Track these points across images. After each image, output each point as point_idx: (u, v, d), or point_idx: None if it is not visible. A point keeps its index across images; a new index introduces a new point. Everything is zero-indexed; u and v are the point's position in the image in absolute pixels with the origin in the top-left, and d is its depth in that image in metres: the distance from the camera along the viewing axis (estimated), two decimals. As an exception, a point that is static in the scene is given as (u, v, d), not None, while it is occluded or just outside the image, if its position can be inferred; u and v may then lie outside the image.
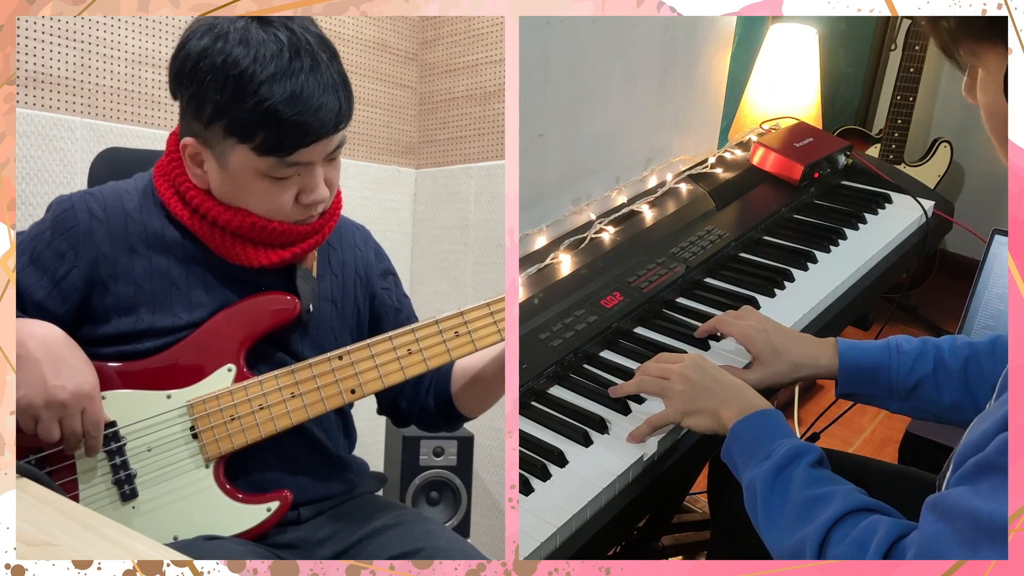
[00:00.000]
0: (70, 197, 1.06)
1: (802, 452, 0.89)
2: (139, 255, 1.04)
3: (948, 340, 1.08)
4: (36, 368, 0.94)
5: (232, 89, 0.95)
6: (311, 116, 0.96)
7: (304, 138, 0.97)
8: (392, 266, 1.28)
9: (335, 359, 1.06)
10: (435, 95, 2.51)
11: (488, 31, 2.36)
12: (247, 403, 1.04)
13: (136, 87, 1.86)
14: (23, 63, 1.66)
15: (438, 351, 1.07)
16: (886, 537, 0.78)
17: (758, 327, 1.13)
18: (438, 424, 1.24)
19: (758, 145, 1.68)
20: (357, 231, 1.25)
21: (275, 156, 0.98)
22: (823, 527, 0.81)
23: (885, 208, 1.64)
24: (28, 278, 1.02)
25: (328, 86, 0.98)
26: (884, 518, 0.81)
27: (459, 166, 2.43)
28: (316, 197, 1.03)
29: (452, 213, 2.43)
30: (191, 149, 1.03)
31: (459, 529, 2.08)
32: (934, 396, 1.06)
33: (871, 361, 1.08)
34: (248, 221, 1.03)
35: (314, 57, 0.97)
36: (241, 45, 0.95)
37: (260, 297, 1.07)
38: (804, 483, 0.86)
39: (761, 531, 0.89)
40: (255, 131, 0.96)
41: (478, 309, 1.08)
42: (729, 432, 0.96)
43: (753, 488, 0.90)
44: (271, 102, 0.94)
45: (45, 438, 0.95)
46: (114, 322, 1.03)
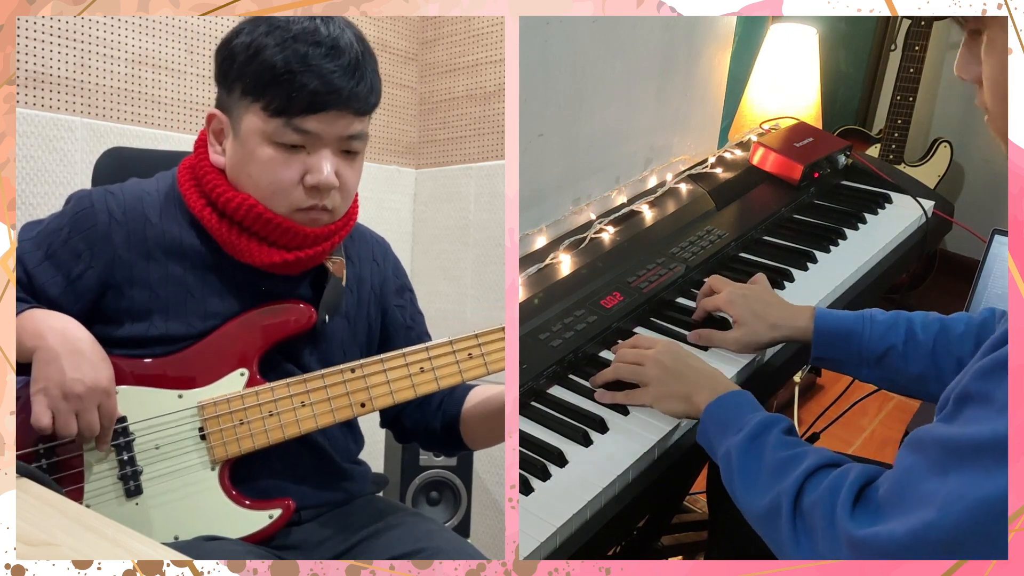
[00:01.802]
0: (90, 194, 1.05)
1: (774, 421, 0.92)
2: (156, 261, 1.04)
3: (921, 315, 1.12)
4: (55, 361, 0.94)
5: (255, 50, 0.98)
6: (321, 79, 0.97)
7: (312, 102, 0.97)
8: (409, 282, 1.27)
9: (347, 371, 1.06)
10: (435, 95, 2.51)
11: (488, 31, 2.36)
12: (257, 408, 1.04)
13: (136, 87, 1.86)
14: (23, 63, 1.66)
15: (450, 371, 1.07)
16: (857, 479, 0.79)
17: (737, 292, 1.19)
18: (438, 447, 1.24)
19: (758, 145, 1.68)
20: (377, 245, 1.24)
21: (282, 118, 0.98)
22: (797, 480, 0.83)
23: (885, 208, 1.64)
24: (43, 274, 1.02)
25: (348, 58, 0.99)
26: (857, 464, 0.83)
27: (459, 166, 2.43)
28: (321, 180, 1.00)
29: (452, 213, 2.43)
30: (216, 123, 1.05)
31: (459, 529, 2.08)
32: (901, 366, 1.10)
33: (844, 327, 1.12)
34: (254, 211, 1.01)
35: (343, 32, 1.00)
36: (274, 21, 0.99)
37: (276, 305, 1.07)
38: (777, 446, 0.88)
39: (737, 497, 0.90)
40: (267, 87, 0.98)
41: (493, 332, 1.08)
42: (703, 413, 0.98)
43: (728, 458, 0.91)
44: (284, 57, 0.96)
45: (62, 431, 0.94)
46: (127, 326, 1.03)
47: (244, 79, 0.99)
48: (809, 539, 0.80)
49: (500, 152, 2.33)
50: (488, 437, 1.18)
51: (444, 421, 1.19)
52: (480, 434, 1.18)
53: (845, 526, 0.76)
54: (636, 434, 1.03)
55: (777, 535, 0.84)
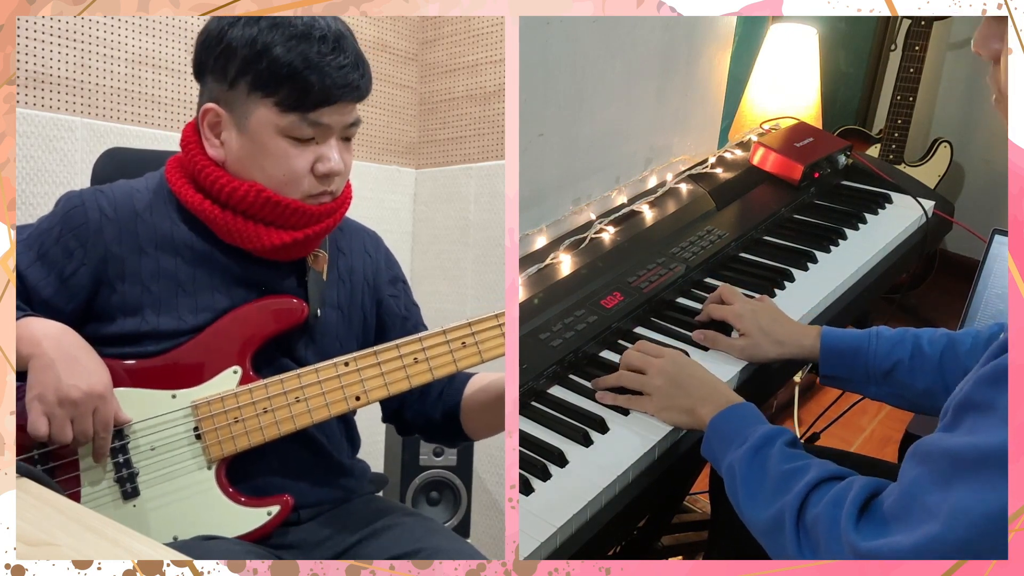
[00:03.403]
0: (80, 193, 1.06)
1: (777, 434, 0.92)
2: (147, 255, 1.04)
3: (928, 331, 1.12)
4: (50, 367, 0.94)
5: (260, 46, 0.99)
6: (336, 73, 1.00)
7: (328, 95, 1.00)
8: (402, 273, 1.28)
9: (341, 365, 1.06)
10: (435, 95, 2.51)
11: (488, 31, 2.36)
12: (251, 406, 1.04)
13: (136, 87, 1.86)
14: (23, 63, 1.66)
15: (444, 361, 1.07)
16: (861, 492, 0.79)
17: (747, 307, 1.19)
18: (440, 438, 1.25)
19: (758, 145, 1.68)
20: (368, 237, 1.24)
21: (298, 112, 1.00)
22: (800, 493, 0.83)
23: (885, 208, 1.64)
24: (35, 274, 1.02)
25: (351, 50, 1.03)
26: (860, 477, 0.82)
27: (459, 166, 2.43)
28: (332, 167, 1.04)
29: (452, 213, 2.43)
30: (211, 116, 1.04)
31: (459, 529, 2.08)
32: (908, 381, 1.10)
33: (851, 345, 1.13)
34: (263, 196, 1.02)
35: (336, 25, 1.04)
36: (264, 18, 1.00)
37: (268, 300, 1.07)
38: (780, 459, 0.89)
39: (742, 510, 0.90)
40: (280, 85, 0.99)
41: (486, 320, 1.07)
42: (707, 426, 0.98)
43: (732, 471, 0.92)
44: (298, 53, 0.98)
45: (57, 437, 0.94)
46: (119, 322, 1.03)
47: (251, 75, 1.00)
48: (813, 552, 0.80)
49: (500, 152, 2.33)
50: (489, 425, 1.18)
51: (444, 410, 1.19)
52: (481, 423, 1.18)
53: (850, 539, 0.76)
54: (636, 434, 1.04)
55: (781, 548, 0.83)
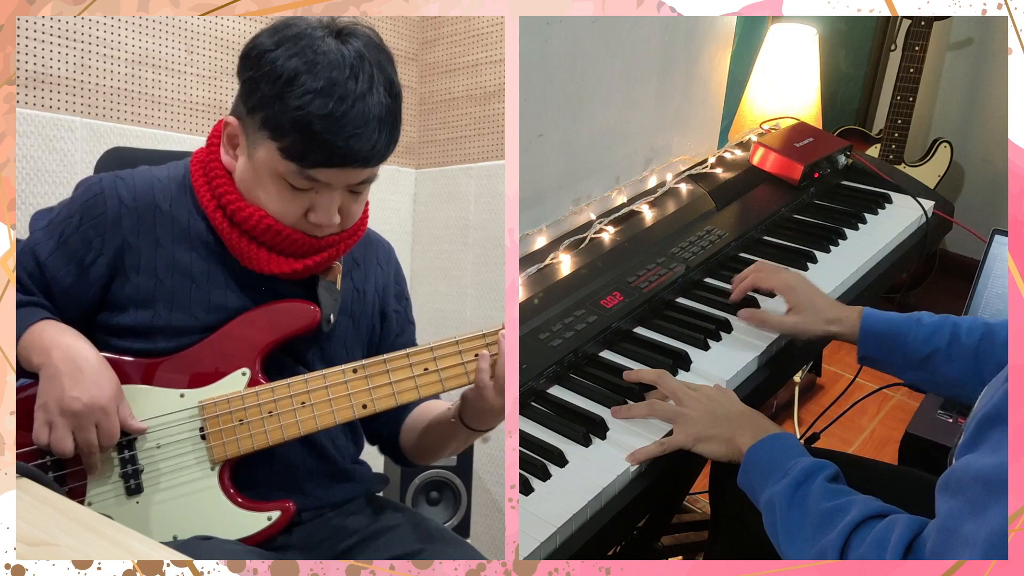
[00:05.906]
0: (100, 180, 1.05)
1: (818, 468, 0.90)
2: (163, 248, 1.04)
3: (968, 319, 1.12)
4: (56, 378, 0.95)
5: (280, 87, 0.95)
6: (342, 140, 0.95)
7: (329, 158, 0.96)
8: (407, 291, 1.27)
9: (349, 372, 1.05)
10: (435, 95, 2.51)
11: (488, 31, 2.36)
12: (257, 408, 1.03)
13: (136, 87, 1.86)
14: (23, 63, 1.66)
15: (456, 372, 1.05)
16: (904, 534, 0.78)
17: (800, 279, 1.21)
18: (392, 456, 1.24)
19: (758, 145, 1.68)
20: (381, 248, 1.23)
21: (297, 164, 0.97)
22: (843, 533, 0.82)
23: (885, 208, 1.64)
24: (56, 263, 1.02)
25: (372, 119, 0.96)
26: (901, 517, 0.81)
27: (459, 166, 2.43)
28: (322, 220, 1.01)
29: (452, 213, 2.43)
30: (231, 129, 1.03)
31: (459, 529, 2.08)
32: (944, 369, 1.10)
33: (891, 329, 1.13)
34: (264, 223, 1.01)
35: (372, 86, 0.96)
36: (307, 51, 0.95)
37: (281, 304, 1.07)
38: (822, 496, 0.87)
39: (782, 547, 0.89)
40: (286, 133, 0.95)
41: (499, 332, 1.04)
42: (745, 456, 0.96)
43: (772, 506, 0.90)
44: (309, 112, 0.93)
45: (57, 448, 0.95)
46: (131, 313, 1.03)
47: (265, 112, 0.97)
48: None
49: (500, 152, 2.33)
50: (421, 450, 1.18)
51: (390, 431, 1.20)
52: (413, 445, 1.18)
53: None
54: (636, 433, 1.04)
55: None
